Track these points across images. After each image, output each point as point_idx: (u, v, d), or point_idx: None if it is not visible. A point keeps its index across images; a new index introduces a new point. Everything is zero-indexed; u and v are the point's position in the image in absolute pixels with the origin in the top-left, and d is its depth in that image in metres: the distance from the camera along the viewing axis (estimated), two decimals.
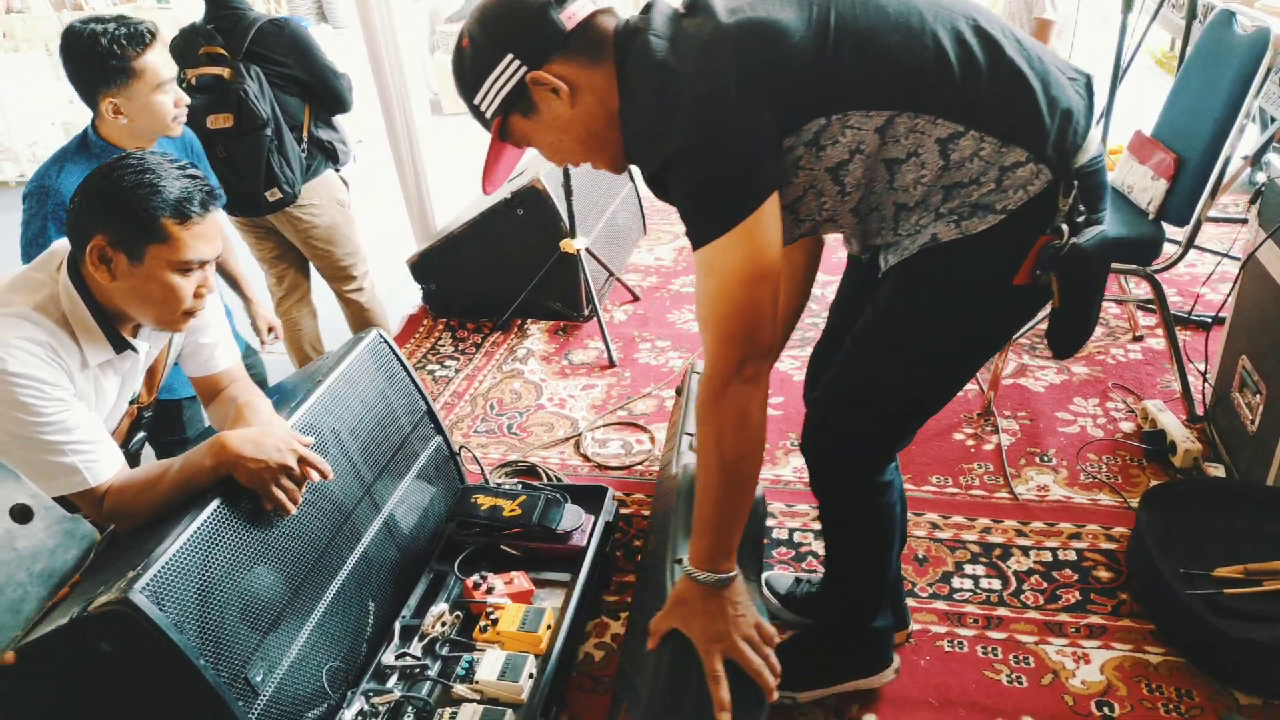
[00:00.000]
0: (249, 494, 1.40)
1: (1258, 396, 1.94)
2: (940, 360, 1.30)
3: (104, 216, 1.32)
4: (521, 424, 2.54)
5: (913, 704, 1.59)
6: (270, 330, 2.33)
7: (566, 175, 2.81)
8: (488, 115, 1.21)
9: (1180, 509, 1.82)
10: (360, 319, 2.85)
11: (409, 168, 3.43)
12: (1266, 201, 1.93)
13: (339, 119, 2.89)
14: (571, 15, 1.15)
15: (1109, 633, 1.71)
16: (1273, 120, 2.50)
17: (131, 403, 1.59)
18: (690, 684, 1.25)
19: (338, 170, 2.85)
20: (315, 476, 1.44)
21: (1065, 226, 1.15)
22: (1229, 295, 2.12)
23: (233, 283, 2.31)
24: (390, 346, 1.89)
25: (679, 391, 2.15)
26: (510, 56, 1.15)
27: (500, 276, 3.08)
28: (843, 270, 1.59)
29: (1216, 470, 2.08)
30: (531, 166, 3.17)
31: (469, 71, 1.20)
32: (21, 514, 0.81)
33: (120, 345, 1.44)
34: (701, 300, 1.16)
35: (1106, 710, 1.56)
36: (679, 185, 1.12)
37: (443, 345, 3.04)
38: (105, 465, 1.37)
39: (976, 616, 1.77)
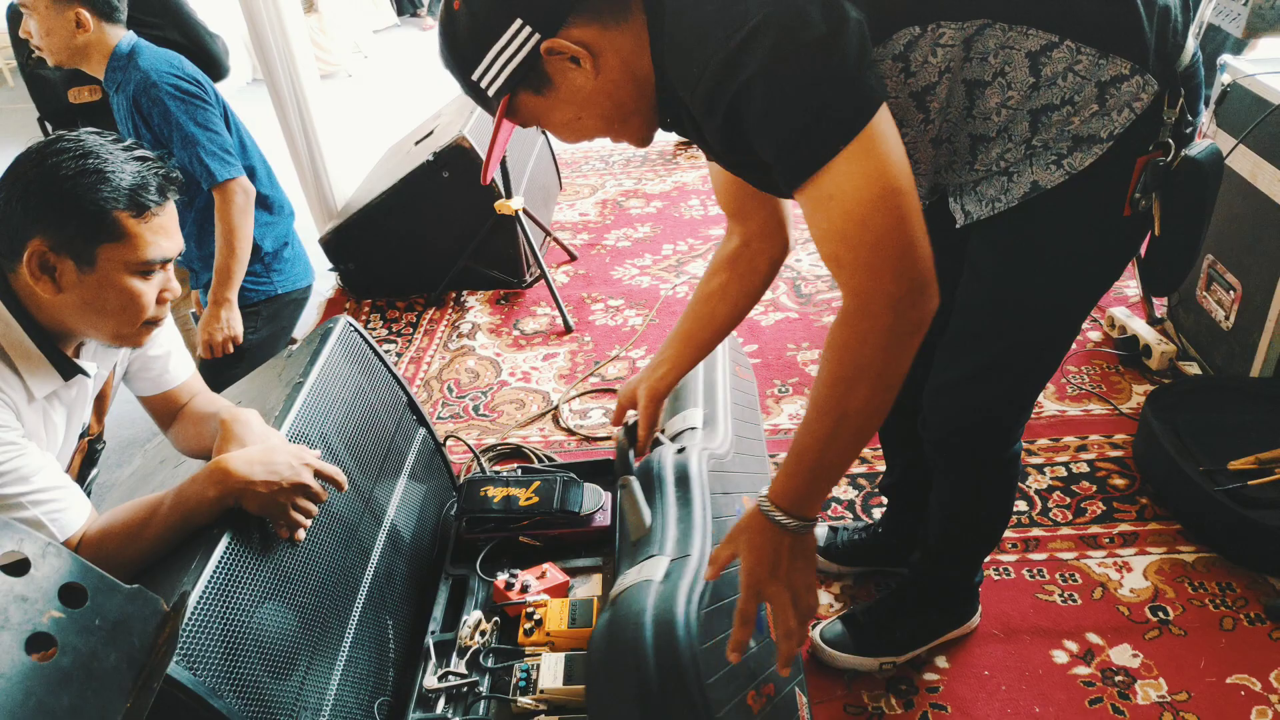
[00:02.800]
0: (258, 522, 1.20)
1: (1231, 293, 2.00)
2: (1062, 319, 1.19)
3: (42, 215, 1.07)
4: (488, 404, 2.35)
5: (979, 638, 1.56)
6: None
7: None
8: (490, 94, 0.99)
9: (1182, 410, 1.86)
10: None
11: (300, 138, 3.11)
12: (1231, 103, 1.97)
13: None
14: None
15: (1141, 538, 1.74)
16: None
17: (81, 436, 1.33)
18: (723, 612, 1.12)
19: None
20: (324, 492, 1.25)
21: (1171, 141, 1.04)
22: None
23: None
24: (361, 334, 1.67)
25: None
26: (519, 22, 0.93)
27: (428, 247, 2.84)
28: None
29: (1191, 368, 2.16)
30: (452, 121, 2.90)
31: (464, 41, 0.97)
32: (71, 594, 0.62)
33: (69, 371, 1.19)
34: (829, 240, 0.94)
35: (1162, 615, 1.58)
36: (765, 115, 0.91)
37: (374, 329, 2.78)
38: (74, 514, 1.14)
39: (1014, 541, 1.76)
